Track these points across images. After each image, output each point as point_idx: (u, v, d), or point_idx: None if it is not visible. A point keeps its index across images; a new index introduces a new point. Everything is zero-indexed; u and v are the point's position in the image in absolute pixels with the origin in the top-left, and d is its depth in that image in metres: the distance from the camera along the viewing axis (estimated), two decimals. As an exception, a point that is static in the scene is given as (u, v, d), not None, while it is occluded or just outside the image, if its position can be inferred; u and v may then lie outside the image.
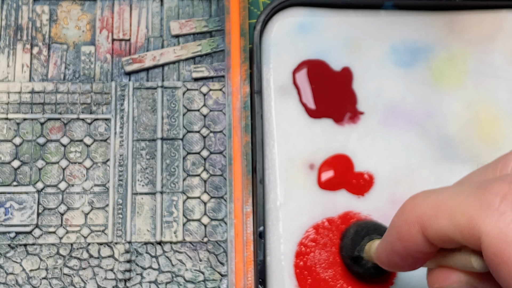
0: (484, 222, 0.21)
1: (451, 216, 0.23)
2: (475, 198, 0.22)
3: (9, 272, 0.36)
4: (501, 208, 0.21)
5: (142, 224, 0.37)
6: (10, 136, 0.38)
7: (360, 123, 0.39)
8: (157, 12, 0.41)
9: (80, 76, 0.39)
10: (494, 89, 0.40)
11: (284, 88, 0.39)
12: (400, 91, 0.40)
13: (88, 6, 0.41)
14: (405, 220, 0.25)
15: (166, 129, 0.38)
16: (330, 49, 0.40)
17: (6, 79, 0.39)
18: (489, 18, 0.41)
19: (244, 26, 0.40)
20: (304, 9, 0.40)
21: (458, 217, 0.22)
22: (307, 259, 0.36)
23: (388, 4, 0.41)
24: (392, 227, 0.26)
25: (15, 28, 0.40)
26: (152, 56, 0.40)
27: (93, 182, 0.38)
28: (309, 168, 0.38)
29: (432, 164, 0.38)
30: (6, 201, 0.37)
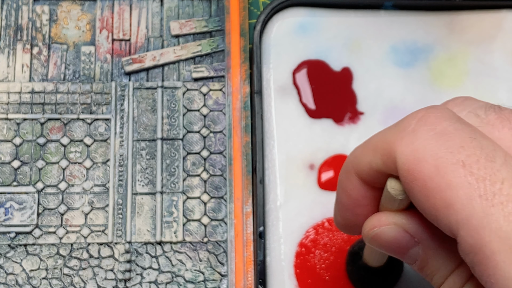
0: (400, 143, 0.22)
1: (374, 148, 0.23)
2: (395, 126, 0.23)
3: (9, 272, 0.36)
4: (415, 128, 0.22)
5: (142, 224, 0.37)
6: (10, 136, 0.38)
7: (360, 123, 0.39)
8: (157, 12, 0.41)
9: (80, 76, 0.39)
10: (494, 89, 0.40)
11: (284, 88, 0.39)
12: (400, 91, 0.40)
13: (88, 6, 0.41)
14: (344, 169, 0.25)
15: (166, 129, 0.38)
16: (330, 49, 0.40)
17: (6, 79, 0.39)
18: (489, 18, 0.41)
19: (244, 26, 0.40)
20: (304, 9, 0.40)
21: (379, 146, 0.23)
22: (307, 259, 0.36)
23: (388, 4, 0.41)
24: (337, 182, 0.26)
25: (15, 28, 0.40)
26: (152, 56, 0.40)
27: (93, 182, 0.38)
28: (309, 168, 0.38)
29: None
30: (6, 201, 0.37)
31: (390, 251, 0.25)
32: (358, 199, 0.25)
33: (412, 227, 0.23)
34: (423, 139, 0.21)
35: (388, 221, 0.24)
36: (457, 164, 0.20)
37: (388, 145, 0.22)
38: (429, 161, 0.21)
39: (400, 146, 0.22)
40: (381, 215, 0.24)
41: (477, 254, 0.19)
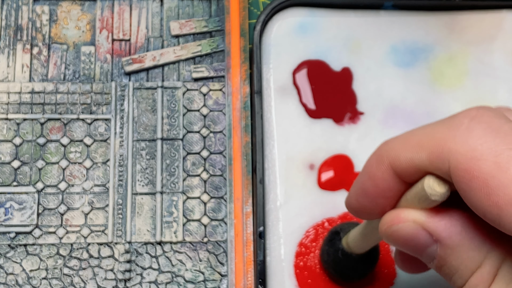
0: (453, 141, 0.21)
1: (419, 144, 0.23)
2: (444, 124, 0.22)
3: (9, 272, 0.36)
4: (470, 126, 0.21)
5: (142, 224, 0.37)
6: (10, 136, 0.38)
7: (360, 123, 0.39)
8: (157, 12, 0.41)
9: (80, 76, 0.39)
10: (494, 89, 0.40)
11: (284, 88, 0.39)
12: (400, 91, 0.40)
13: (88, 6, 0.41)
14: (375, 158, 0.25)
15: (166, 129, 0.38)
16: (330, 49, 0.40)
17: (6, 79, 0.39)
18: (489, 18, 0.41)
19: (244, 26, 0.40)
20: (304, 9, 0.40)
21: (425, 144, 0.22)
22: (307, 259, 0.36)
23: (388, 4, 0.41)
24: (364, 168, 0.26)
25: (15, 28, 0.40)
26: (152, 56, 0.40)
27: (93, 182, 0.38)
28: (309, 168, 0.38)
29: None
30: (6, 201, 0.37)
31: (407, 249, 0.24)
32: (384, 191, 0.25)
33: (432, 225, 0.23)
34: (479, 137, 0.21)
35: (407, 218, 0.24)
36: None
37: (438, 144, 0.22)
38: (489, 159, 0.20)
39: (454, 145, 0.21)
40: (401, 211, 0.24)
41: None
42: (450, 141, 0.21)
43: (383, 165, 0.24)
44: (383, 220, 0.25)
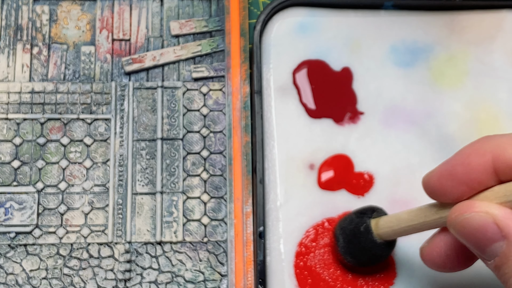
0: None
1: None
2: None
3: (9, 272, 0.36)
4: None
5: (142, 224, 0.37)
6: (10, 136, 0.38)
7: (360, 123, 0.39)
8: (157, 12, 0.41)
9: (80, 76, 0.39)
10: (494, 89, 0.40)
11: (284, 88, 0.39)
12: (400, 91, 0.40)
13: (88, 6, 0.41)
14: (476, 149, 0.25)
15: (166, 129, 0.38)
16: (330, 49, 0.40)
17: (6, 79, 0.39)
18: (489, 18, 0.41)
19: (244, 26, 0.40)
20: (304, 9, 0.40)
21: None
22: (307, 259, 0.36)
23: (388, 4, 0.41)
24: (459, 153, 0.26)
25: (15, 28, 0.40)
26: (152, 56, 0.40)
27: (93, 182, 0.38)
28: (309, 168, 0.38)
29: (432, 164, 0.38)
30: (6, 201, 0.37)
31: (472, 240, 0.24)
32: (473, 181, 0.24)
33: (504, 220, 0.23)
34: None
35: (481, 208, 0.24)
36: None
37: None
38: None
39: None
40: (475, 201, 0.24)
41: None
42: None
43: (484, 157, 0.24)
44: (455, 207, 0.25)
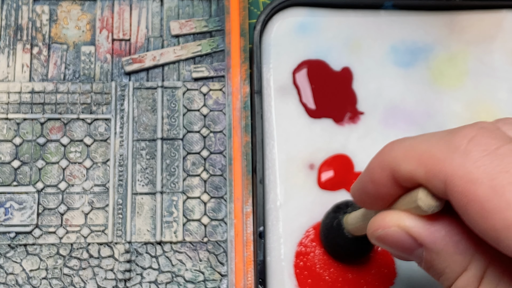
0: (451, 163, 0.21)
1: (420, 159, 0.23)
2: (444, 142, 0.22)
3: (9, 272, 0.36)
4: (467, 148, 0.21)
5: (142, 224, 0.37)
6: (10, 136, 0.38)
7: (360, 123, 0.39)
8: (157, 12, 0.41)
9: (80, 76, 0.39)
10: (494, 89, 0.40)
11: (284, 88, 0.39)
12: (400, 91, 0.40)
13: (88, 6, 0.41)
14: (378, 163, 0.25)
15: (166, 129, 0.38)
16: (330, 49, 0.40)
17: (6, 79, 0.39)
18: (489, 18, 0.41)
19: (244, 26, 0.40)
20: (304, 9, 0.40)
21: (425, 160, 0.22)
22: (307, 259, 0.36)
23: (388, 4, 0.41)
24: (367, 169, 0.26)
25: (15, 28, 0.40)
26: (152, 56, 0.40)
27: (93, 182, 0.38)
28: (309, 168, 0.38)
29: (432, 164, 0.38)
30: (6, 201, 0.37)
31: (396, 252, 0.25)
32: (383, 194, 0.25)
33: (416, 231, 0.23)
34: (476, 160, 0.21)
35: (391, 223, 0.24)
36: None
37: (437, 163, 0.22)
38: (485, 183, 0.20)
39: (451, 167, 0.21)
40: (386, 215, 0.24)
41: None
42: (448, 163, 0.21)
43: (384, 171, 0.25)
44: (370, 224, 0.25)
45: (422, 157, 0.23)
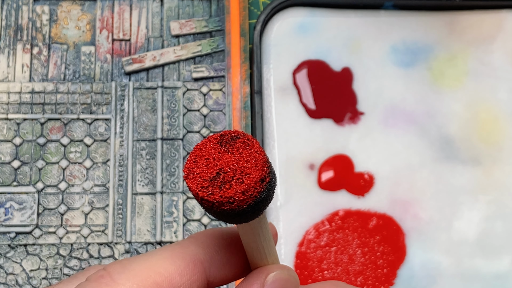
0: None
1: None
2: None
3: (9, 272, 0.36)
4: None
5: (142, 224, 0.37)
6: (10, 136, 0.38)
7: (360, 124, 0.39)
8: (157, 12, 0.41)
9: (80, 76, 0.39)
10: (494, 89, 0.40)
11: (284, 88, 0.39)
12: (400, 91, 0.40)
13: (88, 6, 0.41)
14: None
15: (166, 129, 0.38)
16: (330, 49, 0.40)
17: (6, 79, 0.39)
18: (489, 18, 0.41)
19: (244, 26, 0.40)
20: (304, 9, 0.40)
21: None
22: (307, 259, 0.36)
23: (388, 4, 0.41)
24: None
25: (15, 28, 0.40)
26: (152, 56, 0.40)
27: (93, 182, 0.38)
28: (309, 169, 0.38)
29: (432, 164, 0.38)
30: (6, 201, 0.37)
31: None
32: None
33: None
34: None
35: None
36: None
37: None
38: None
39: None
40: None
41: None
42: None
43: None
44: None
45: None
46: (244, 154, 0.18)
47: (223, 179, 0.18)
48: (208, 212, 0.19)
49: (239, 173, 0.18)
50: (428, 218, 0.37)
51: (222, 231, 0.22)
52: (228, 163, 0.18)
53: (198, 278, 0.21)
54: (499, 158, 0.39)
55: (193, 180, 0.18)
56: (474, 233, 0.37)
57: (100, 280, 0.20)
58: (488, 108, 0.40)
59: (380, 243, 0.37)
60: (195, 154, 0.19)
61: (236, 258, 0.22)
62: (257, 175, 0.18)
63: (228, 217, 0.19)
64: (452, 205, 0.38)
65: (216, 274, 0.21)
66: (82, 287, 0.20)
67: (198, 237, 0.22)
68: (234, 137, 0.19)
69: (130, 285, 0.19)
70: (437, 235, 0.37)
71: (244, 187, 0.18)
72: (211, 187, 0.18)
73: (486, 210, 0.38)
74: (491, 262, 0.37)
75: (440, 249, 0.37)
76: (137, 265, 0.20)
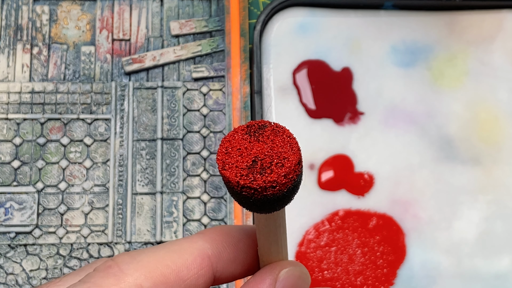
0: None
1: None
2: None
3: (9, 272, 0.36)
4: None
5: (142, 224, 0.37)
6: (10, 136, 0.38)
7: (360, 124, 0.39)
8: (157, 12, 0.41)
9: (80, 76, 0.39)
10: (494, 89, 0.40)
11: (284, 88, 0.39)
12: (400, 91, 0.40)
13: (88, 6, 0.41)
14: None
15: (166, 129, 0.38)
16: (330, 49, 0.40)
17: (6, 79, 0.39)
18: (489, 18, 0.41)
19: (244, 26, 0.40)
20: (304, 9, 0.40)
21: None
22: (307, 259, 0.36)
23: (388, 4, 0.41)
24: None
25: (15, 28, 0.40)
26: (152, 56, 0.40)
27: (93, 182, 0.38)
28: (309, 169, 0.38)
29: (432, 164, 0.38)
30: (6, 201, 0.37)
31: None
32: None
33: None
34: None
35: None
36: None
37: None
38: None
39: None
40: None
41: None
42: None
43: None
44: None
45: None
46: (277, 140, 0.19)
47: (262, 166, 0.18)
48: (244, 201, 0.19)
49: (277, 158, 0.19)
50: (428, 218, 0.37)
51: (231, 228, 0.22)
52: (263, 151, 0.19)
53: (205, 273, 0.21)
54: (499, 158, 0.39)
55: (230, 170, 0.18)
56: (474, 233, 0.37)
57: (108, 270, 0.20)
58: (488, 108, 0.40)
59: (380, 243, 0.37)
60: (225, 146, 0.19)
61: (243, 255, 0.22)
62: (295, 158, 0.19)
63: (265, 205, 0.19)
64: (452, 205, 0.38)
65: (223, 270, 0.22)
66: (90, 277, 0.20)
67: (206, 233, 0.22)
68: (262, 126, 0.19)
69: (138, 276, 0.20)
70: (437, 235, 0.37)
71: (285, 170, 0.18)
72: (251, 174, 0.18)
73: (486, 210, 0.38)
74: (491, 262, 0.37)
75: (440, 249, 0.37)
76: (145, 257, 0.20)
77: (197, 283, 0.21)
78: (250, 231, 0.23)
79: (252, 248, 0.22)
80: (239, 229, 0.22)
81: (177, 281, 0.20)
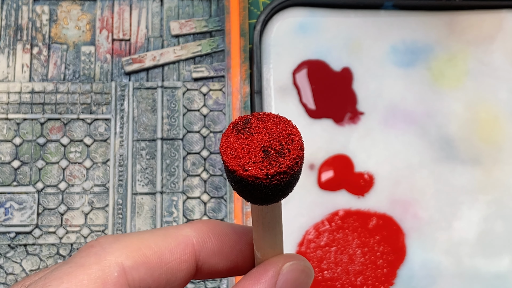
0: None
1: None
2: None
3: (9, 272, 0.36)
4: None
5: (142, 224, 0.37)
6: (10, 136, 0.38)
7: (360, 124, 0.39)
8: (157, 12, 0.41)
9: (80, 76, 0.39)
10: (494, 89, 0.40)
11: (284, 88, 0.39)
12: (400, 91, 0.40)
13: (88, 6, 0.41)
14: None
15: (166, 129, 0.38)
16: (330, 49, 0.40)
17: (6, 79, 0.39)
18: (489, 18, 0.41)
19: (244, 26, 0.40)
20: (304, 9, 0.40)
21: None
22: (307, 259, 0.36)
23: (388, 4, 0.41)
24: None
25: (15, 28, 0.40)
26: (152, 56, 0.40)
27: (93, 182, 0.38)
28: (309, 169, 0.38)
29: (432, 164, 0.38)
30: (6, 201, 0.37)
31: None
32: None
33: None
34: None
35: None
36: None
37: None
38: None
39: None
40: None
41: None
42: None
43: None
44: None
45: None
46: (268, 125, 0.19)
47: (276, 150, 0.19)
48: (272, 191, 0.19)
49: (283, 137, 0.19)
50: (428, 218, 0.37)
51: (219, 222, 0.23)
52: (264, 139, 0.19)
53: (187, 259, 0.21)
54: (499, 158, 0.39)
55: (253, 169, 0.18)
56: (474, 233, 0.37)
57: (90, 249, 0.20)
58: (488, 108, 0.40)
59: (380, 243, 0.37)
60: (228, 152, 0.19)
61: (228, 250, 0.22)
62: (297, 130, 0.19)
63: (281, 190, 0.19)
64: (452, 205, 0.38)
65: (205, 260, 0.22)
66: (73, 257, 0.20)
67: (194, 223, 0.22)
68: (245, 121, 0.20)
69: (119, 255, 0.20)
70: (437, 235, 0.37)
71: (298, 142, 0.19)
72: (274, 161, 0.18)
73: (486, 210, 0.38)
74: (491, 262, 0.37)
75: (440, 249, 0.37)
76: (128, 238, 0.21)
77: (179, 268, 0.21)
78: (238, 229, 0.23)
79: (238, 244, 0.22)
80: (227, 225, 0.23)
81: (159, 263, 0.20)
